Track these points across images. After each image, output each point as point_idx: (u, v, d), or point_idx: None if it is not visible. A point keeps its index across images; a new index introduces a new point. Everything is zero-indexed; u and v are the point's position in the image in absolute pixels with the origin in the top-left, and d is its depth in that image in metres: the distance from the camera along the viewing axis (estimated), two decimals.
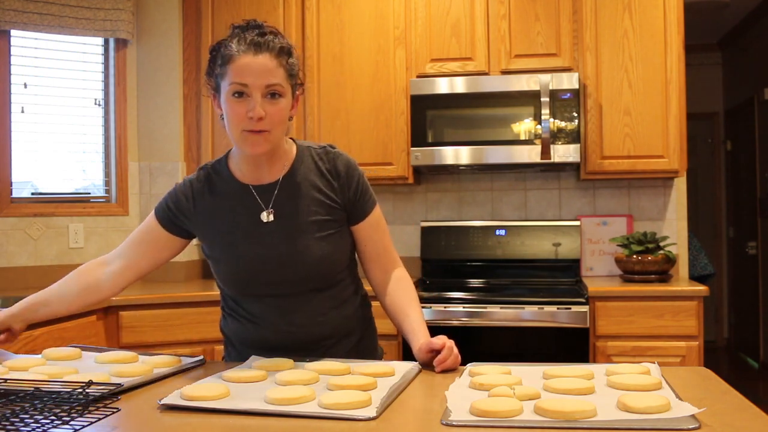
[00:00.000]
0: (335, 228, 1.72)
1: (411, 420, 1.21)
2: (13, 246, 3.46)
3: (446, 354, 1.57)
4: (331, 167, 1.74)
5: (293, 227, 1.69)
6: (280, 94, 1.61)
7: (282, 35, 1.67)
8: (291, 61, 1.65)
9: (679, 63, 3.37)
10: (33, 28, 3.50)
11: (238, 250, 1.70)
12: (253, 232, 1.69)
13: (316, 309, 1.72)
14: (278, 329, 1.71)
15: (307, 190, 1.71)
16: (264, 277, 1.69)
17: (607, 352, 3.08)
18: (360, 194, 1.75)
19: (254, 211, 1.71)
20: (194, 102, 3.76)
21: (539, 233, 3.66)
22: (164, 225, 1.77)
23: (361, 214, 1.76)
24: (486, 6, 3.50)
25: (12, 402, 1.24)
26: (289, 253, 1.67)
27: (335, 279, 1.74)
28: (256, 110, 1.58)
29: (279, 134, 1.65)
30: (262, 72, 1.59)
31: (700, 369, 1.56)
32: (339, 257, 1.74)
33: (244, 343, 1.77)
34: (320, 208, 1.71)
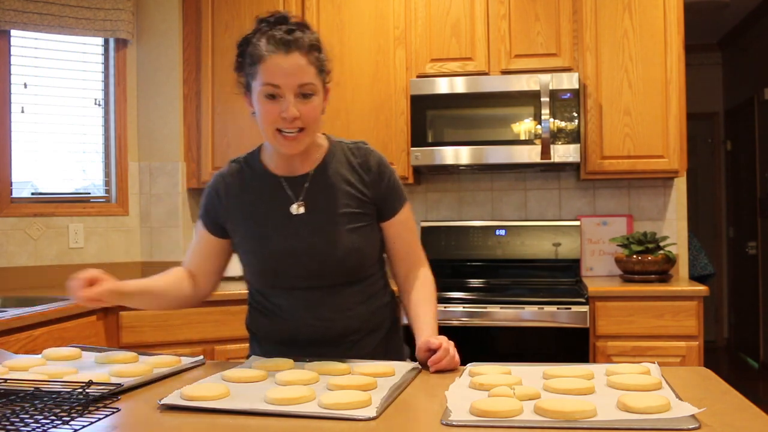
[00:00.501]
0: (366, 221, 1.73)
1: (411, 420, 1.21)
2: (13, 246, 3.46)
3: (441, 355, 1.57)
4: (363, 162, 1.74)
5: (324, 219, 1.69)
6: (313, 92, 1.61)
7: (309, 28, 1.65)
8: (320, 56, 1.64)
9: (679, 63, 3.37)
10: (33, 28, 3.50)
11: (269, 242, 1.70)
12: (283, 224, 1.70)
13: (345, 303, 1.71)
14: (305, 322, 1.70)
15: (339, 183, 1.72)
16: (294, 269, 1.68)
17: (607, 352, 3.08)
18: (390, 191, 1.76)
19: (285, 203, 1.71)
20: (194, 102, 3.76)
21: (539, 233, 3.66)
22: (213, 232, 1.79)
23: (390, 211, 1.77)
24: (486, 6, 3.50)
25: (12, 402, 1.24)
26: (319, 244, 1.67)
27: (365, 273, 1.74)
28: (290, 111, 1.58)
29: (314, 132, 1.67)
30: (294, 72, 1.58)
31: (700, 369, 1.56)
32: (369, 251, 1.74)
33: (269, 338, 1.77)
34: (351, 201, 1.71)
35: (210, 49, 3.71)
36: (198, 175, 3.75)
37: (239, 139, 3.69)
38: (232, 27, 3.70)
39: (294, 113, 1.58)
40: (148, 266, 3.78)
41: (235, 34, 3.69)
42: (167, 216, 3.77)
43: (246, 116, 3.83)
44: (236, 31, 3.69)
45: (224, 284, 3.56)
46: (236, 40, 1.72)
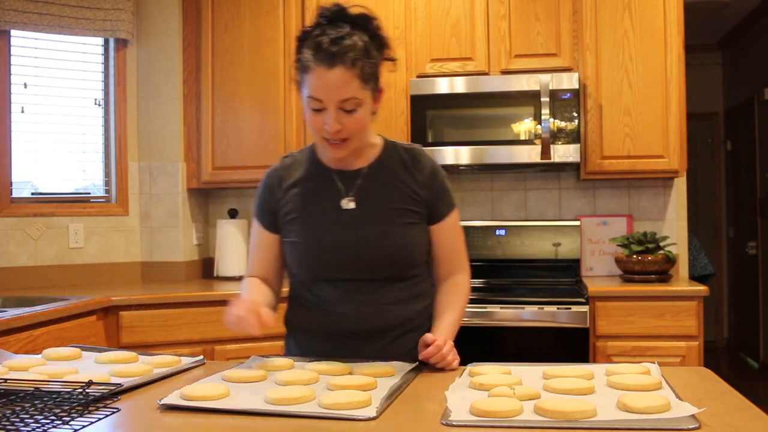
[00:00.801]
0: (416, 219, 1.75)
1: (411, 420, 1.21)
2: (13, 246, 3.46)
3: (431, 350, 1.58)
4: (417, 162, 1.77)
5: (375, 213, 1.72)
6: (356, 106, 1.62)
7: (363, 29, 1.63)
8: (367, 65, 1.62)
9: (679, 63, 3.37)
10: (33, 28, 3.50)
11: (318, 233, 1.71)
12: (334, 216, 1.72)
13: (387, 298, 1.72)
14: (346, 315, 1.71)
15: (391, 180, 1.75)
16: (340, 261, 1.70)
17: (607, 352, 3.08)
18: (441, 194, 1.78)
19: (336, 196, 1.74)
20: (194, 102, 3.76)
21: (539, 233, 3.66)
22: (274, 229, 1.79)
23: (438, 215, 1.78)
24: (486, 6, 3.50)
25: (12, 402, 1.24)
26: (368, 237, 1.69)
27: (410, 272, 1.75)
28: (332, 125, 1.61)
29: (360, 139, 1.69)
30: (335, 88, 1.59)
31: (700, 369, 1.56)
32: (416, 249, 1.75)
33: (309, 331, 1.77)
34: (403, 198, 1.74)
35: (210, 49, 3.71)
36: (198, 175, 3.75)
37: (239, 139, 3.69)
38: (232, 27, 3.70)
39: (335, 127, 1.61)
40: (148, 266, 3.78)
41: (235, 34, 3.69)
42: (167, 216, 3.77)
43: (246, 116, 3.85)
44: (236, 31, 3.69)
45: (224, 284, 3.57)
46: (236, 40, 1.74)
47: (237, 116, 3.70)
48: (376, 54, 1.66)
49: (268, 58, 3.67)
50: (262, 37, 3.68)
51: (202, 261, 3.95)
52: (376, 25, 1.67)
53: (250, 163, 3.67)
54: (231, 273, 3.76)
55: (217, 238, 3.82)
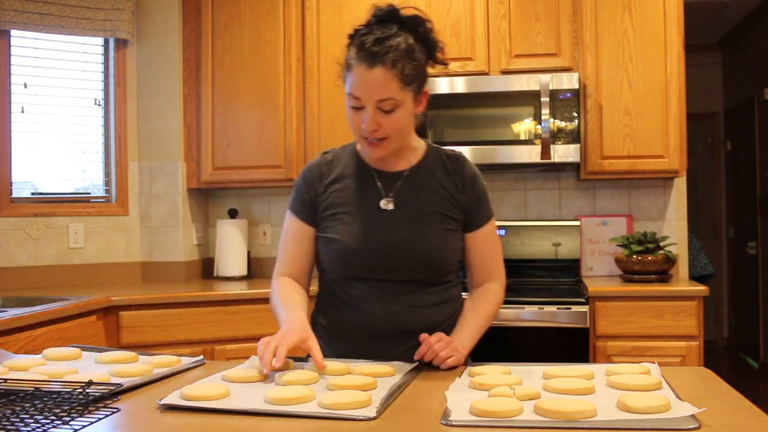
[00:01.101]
0: (453, 225, 1.75)
1: (411, 420, 1.21)
2: (13, 246, 3.46)
3: (422, 349, 1.59)
4: (458, 169, 1.78)
5: (413, 216, 1.72)
6: (394, 107, 1.63)
7: (411, 31, 1.64)
8: (408, 66, 1.61)
9: (679, 63, 3.37)
10: (33, 28, 3.50)
11: (355, 231, 1.71)
12: (372, 216, 1.72)
13: (418, 300, 1.72)
14: (375, 315, 1.71)
15: (432, 184, 1.75)
16: (375, 261, 1.69)
17: (607, 352, 3.08)
18: (479, 202, 1.78)
19: (375, 196, 1.74)
20: (194, 102, 3.76)
21: (539, 233, 3.66)
22: (309, 222, 1.78)
23: (476, 223, 1.78)
24: (486, 6, 3.50)
25: (12, 402, 1.24)
26: (404, 238, 1.69)
27: (443, 277, 1.75)
28: (368, 124, 1.63)
29: (399, 140, 1.70)
30: (373, 88, 1.60)
31: (700, 369, 1.56)
32: (451, 255, 1.75)
33: (336, 330, 1.76)
34: (442, 202, 1.74)
35: (210, 49, 3.71)
36: (198, 175, 3.75)
37: (239, 139, 3.69)
38: (232, 27, 3.70)
39: (372, 126, 1.63)
40: (147, 266, 3.78)
41: (235, 34, 3.69)
42: (167, 216, 3.77)
43: (246, 116, 3.85)
44: (236, 31, 3.69)
45: (224, 284, 3.57)
46: (236, 40, 1.74)
47: (237, 116, 3.70)
48: (422, 57, 1.66)
49: (268, 58, 3.67)
50: (262, 37, 3.67)
51: (202, 261, 3.95)
52: (427, 27, 1.67)
53: (250, 163, 3.67)
54: (231, 273, 3.76)
55: (217, 238, 3.82)
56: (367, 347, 1.69)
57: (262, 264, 3.94)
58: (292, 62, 3.64)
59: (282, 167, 3.65)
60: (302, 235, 1.79)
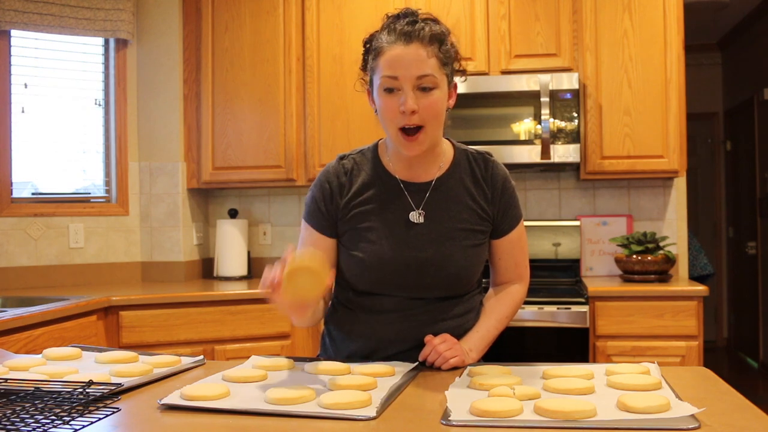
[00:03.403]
0: (480, 240, 1.69)
1: (411, 420, 1.21)
2: (13, 246, 3.46)
3: (426, 350, 1.58)
4: (488, 176, 1.70)
5: (441, 232, 1.65)
6: (433, 85, 1.55)
7: (436, 21, 1.61)
8: (444, 48, 1.58)
9: (678, 63, 3.37)
10: (33, 28, 3.50)
11: (381, 248, 1.63)
12: (399, 232, 1.64)
13: (440, 313, 1.68)
14: (397, 327, 1.66)
15: (461, 196, 1.68)
16: (399, 278, 1.64)
17: (607, 352, 3.08)
18: (509, 209, 1.72)
19: (404, 209, 1.66)
20: (194, 102, 3.76)
21: (539, 233, 3.66)
22: (327, 233, 1.69)
23: (505, 228, 1.73)
24: (486, 6, 3.50)
25: (12, 402, 1.24)
26: (432, 258, 1.63)
27: (465, 291, 1.71)
28: (408, 103, 1.53)
29: (435, 130, 1.60)
30: (413, 63, 1.53)
31: (699, 369, 1.56)
32: (476, 269, 1.71)
33: (351, 335, 1.71)
34: (471, 217, 1.67)
35: (210, 49, 3.71)
36: (198, 175, 3.75)
37: (239, 139, 3.69)
38: (232, 27, 3.70)
39: (412, 105, 1.53)
40: (148, 266, 3.78)
41: (235, 34, 3.69)
42: (167, 216, 3.77)
43: (246, 116, 3.85)
44: (236, 31, 3.69)
45: (224, 284, 3.57)
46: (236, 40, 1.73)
47: (237, 116, 3.70)
48: (451, 47, 1.61)
49: (268, 58, 3.67)
50: (262, 38, 3.68)
51: (202, 261, 3.95)
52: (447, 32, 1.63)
53: (250, 163, 3.67)
54: (231, 273, 3.76)
55: (217, 238, 3.82)
56: (379, 353, 1.66)
57: (262, 264, 3.93)
58: (292, 62, 3.64)
59: (282, 167, 3.65)
60: (319, 246, 1.68)
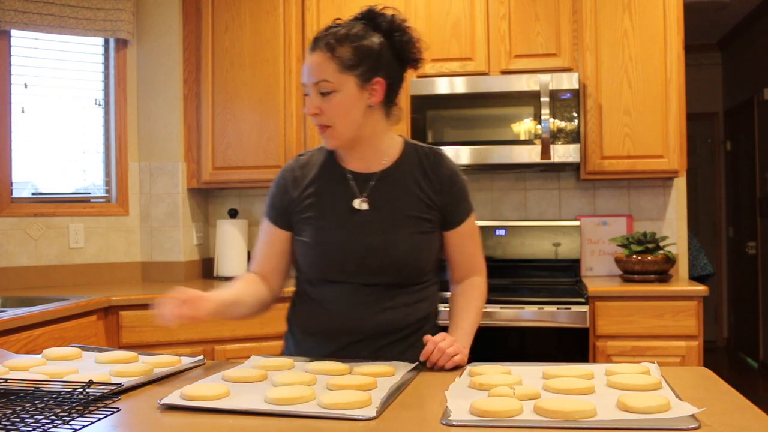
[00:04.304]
0: (428, 228, 1.73)
1: (411, 420, 1.21)
2: (13, 246, 3.46)
3: (429, 348, 1.59)
4: (436, 167, 1.75)
5: (387, 219, 1.70)
6: (331, 89, 1.63)
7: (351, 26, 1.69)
8: (346, 51, 1.64)
9: (678, 63, 3.37)
10: (33, 28, 3.50)
11: (328, 235, 1.70)
12: (345, 218, 1.71)
13: (391, 303, 1.71)
14: (348, 316, 1.70)
15: (408, 185, 1.73)
16: (348, 264, 1.69)
17: (607, 352, 3.08)
18: (458, 201, 1.76)
19: (349, 197, 1.72)
20: (194, 102, 3.76)
21: (539, 233, 3.66)
22: (281, 225, 1.78)
23: (456, 221, 1.77)
24: (486, 6, 3.50)
25: (12, 402, 1.24)
26: (378, 243, 1.68)
27: (418, 279, 1.74)
28: (309, 107, 1.66)
29: (346, 127, 1.67)
30: (311, 70, 1.65)
31: (699, 369, 1.56)
32: (426, 257, 1.74)
33: (308, 330, 1.76)
34: (418, 205, 1.72)
35: (210, 49, 3.71)
36: (198, 175, 3.75)
37: (239, 139, 3.69)
38: (232, 27, 3.70)
39: (312, 110, 1.65)
40: (148, 266, 3.78)
41: (235, 34, 3.69)
42: (167, 216, 3.77)
43: (246, 116, 3.85)
44: (236, 31, 3.69)
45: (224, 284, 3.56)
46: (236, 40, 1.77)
47: (237, 116, 3.70)
48: (374, 42, 1.66)
49: (268, 58, 3.67)
50: (262, 38, 3.68)
51: (202, 261, 3.95)
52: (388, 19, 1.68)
53: (250, 163, 3.67)
54: (231, 273, 3.75)
55: (217, 238, 3.82)
56: (339, 346, 1.69)
57: None
58: (292, 62, 3.64)
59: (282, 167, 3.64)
60: (273, 237, 1.79)
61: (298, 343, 1.79)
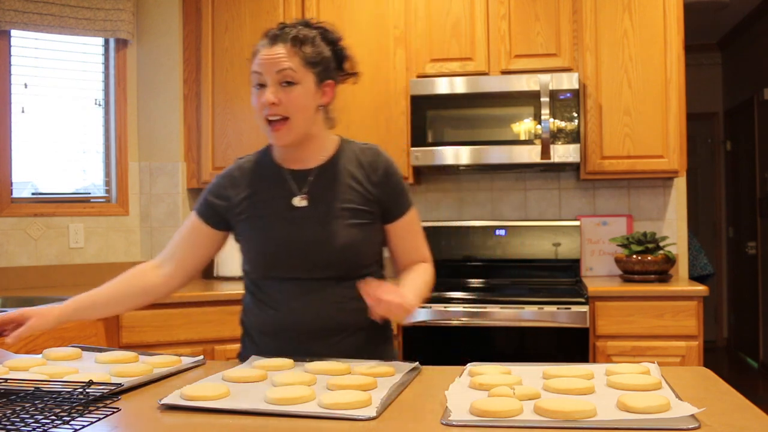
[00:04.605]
0: (368, 219, 1.75)
1: (411, 420, 1.21)
2: (13, 246, 3.46)
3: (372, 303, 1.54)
4: (372, 162, 1.78)
5: (325, 212, 1.73)
6: (294, 80, 1.67)
7: (308, 25, 1.75)
8: (308, 49, 1.70)
9: (678, 63, 3.37)
10: (33, 28, 3.50)
11: (268, 232, 1.74)
12: (285, 215, 1.74)
13: (337, 297, 1.73)
14: (296, 313, 1.72)
15: (344, 179, 1.76)
16: (291, 259, 1.72)
17: (607, 352, 3.08)
18: (397, 194, 1.79)
19: (288, 195, 1.75)
20: (194, 102, 3.76)
21: (539, 233, 3.66)
22: (206, 220, 1.81)
23: (395, 214, 1.80)
24: (486, 6, 3.50)
25: (12, 402, 1.24)
26: (318, 236, 1.71)
27: (360, 271, 1.75)
28: (267, 96, 1.66)
29: (301, 122, 1.70)
30: (274, 61, 1.67)
31: (699, 369, 1.56)
32: (367, 248, 1.76)
33: (261, 330, 1.79)
34: (355, 197, 1.75)
35: (210, 49, 3.71)
36: (198, 175, 3.75)
37: (239, 139, 3.69)
38: (232, 27, 3.70)
39: (270, 98, 1.66)
40: None
41: (235, 34, 3.69)
42: (167, 216, 3.77)
43: (246, 116, 3.85)
44: (236, 31, 3.69)
45: (224, 284, 3.57)
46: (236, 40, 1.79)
47: (237, 116, 3.70)
48: (325, 49, 1.73)
49: None
50: None
51: None
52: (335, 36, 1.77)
53: None
54: (231, 273, 3.75)
55: None
56: (293, 344, 1.71)
57: None
58: None
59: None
60: (197, 231, 1.82)
61: (255, 343, 1.81)
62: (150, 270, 1.84)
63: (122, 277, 1.82)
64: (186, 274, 1.85)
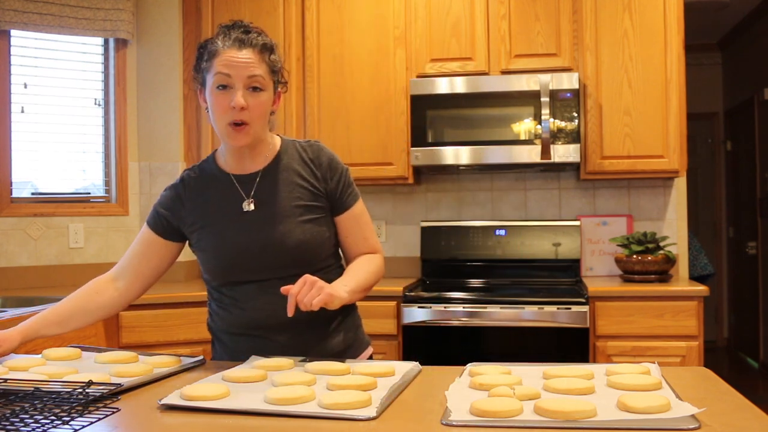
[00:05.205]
0: (318, 214, 1.78)
1: (411, 420, 1.21)
2: (13, 246, 3.46)
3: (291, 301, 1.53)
4: (315, 157, 1.81)
5: (275, 213, 1.75)
6: (262, 87, 1.70)
7: (266, 35, 1.78)
8: (273, 57, 1.74)
9: (679, 63, 3.37)
10: (33, 28, 3.50)
11: (222, 239, 1.75)
12: (236, 220, 1.76)
13: None
14: (260, 310, 1.74)
15: (290, 177, 1.78)
16: (247, 263, 1.74)
17: (607, 352, 3.08)
18: (343, 187, 1.81)
19: (237, 200, 1.77)
20: (194, 102, 3.76)
21: (539, 233, 3.66)
22: (158, 232, 1.83)
23: (343, 206, 1.82)
24: (486, 6, 3.50)
25: (12, 402, 1.24)
26: (271, 237, 1.73)
27: (319, 265, 1.77)
28: (237, 99, 1.65)
29: (260, 127, 1.73)
30: (245, 65, 1.68)
31: (700, 369, 1.56)
32: (321, 242, 1.78)
33: (230, 331, 1.80)
34: (303, 194, 1.77)
35: None
36: None
37: None
38: None
39: (241, 102, 1.66)
40: None
41: None
42: None
43: None
44: None
45: None
46: None
47: None
48: (277, 60, 1.76)
49: None
50: None
51: None
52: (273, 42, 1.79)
53: None
54: None
55: None
56: (262, 341, 1.73)
57: None
58: (292, 62, 3.64)
59: None
60: (147, 241, 1.83)
61: (225, 345, 1.82)
62: (107, 284, 1.85)
63: (81, 293, 1.83)
64: (142, 286, 1.87)
